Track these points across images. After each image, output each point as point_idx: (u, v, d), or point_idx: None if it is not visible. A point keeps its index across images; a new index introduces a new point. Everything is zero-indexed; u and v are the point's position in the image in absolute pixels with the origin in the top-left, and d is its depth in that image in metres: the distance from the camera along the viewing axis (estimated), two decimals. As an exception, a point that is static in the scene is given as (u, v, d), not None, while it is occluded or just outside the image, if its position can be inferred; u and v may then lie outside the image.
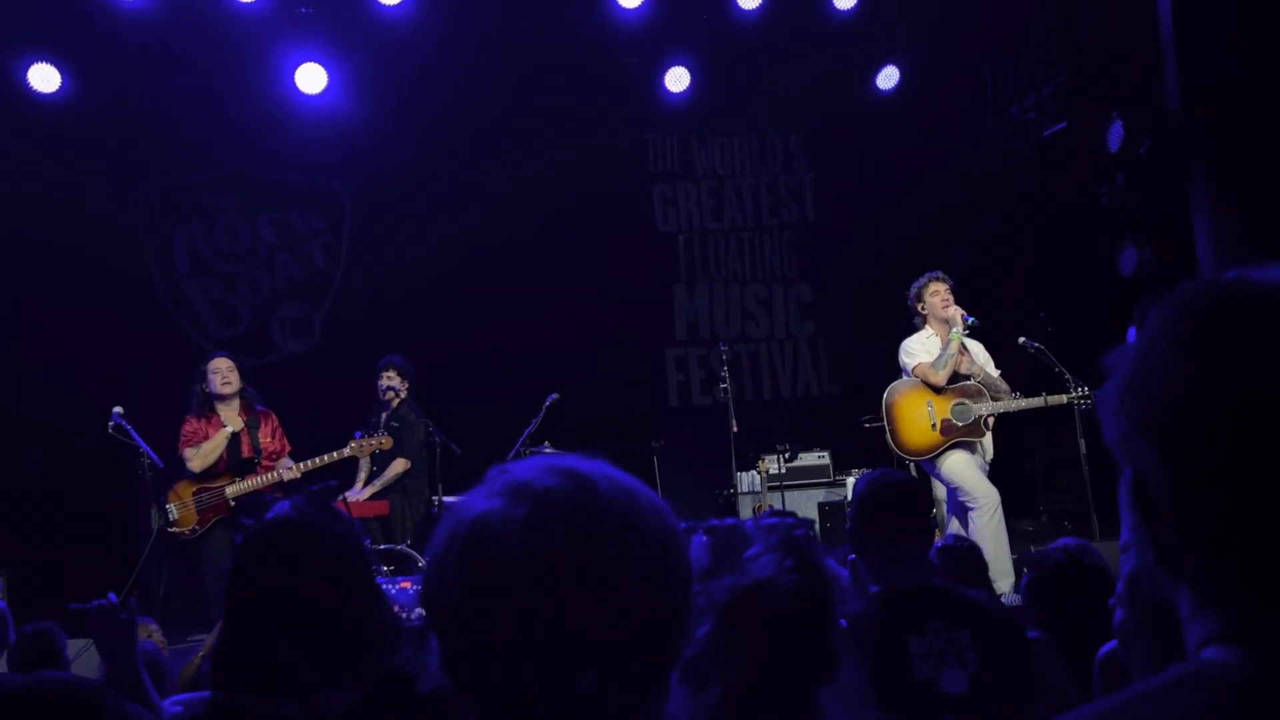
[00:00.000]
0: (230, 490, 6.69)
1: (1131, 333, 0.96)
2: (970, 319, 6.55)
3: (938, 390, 6.55)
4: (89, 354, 8.06)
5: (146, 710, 2.58)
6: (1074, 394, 6.64)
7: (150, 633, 3.84)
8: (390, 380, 7.57)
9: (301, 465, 6.77)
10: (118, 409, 6.87)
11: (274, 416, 7.00)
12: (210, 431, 6.80)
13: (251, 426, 6.81)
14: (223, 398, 6.81)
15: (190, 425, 6.85)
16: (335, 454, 6.82)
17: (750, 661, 1.51)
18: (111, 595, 2.65)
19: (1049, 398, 6.68)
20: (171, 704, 2.56)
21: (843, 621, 2.04)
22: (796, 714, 1.53)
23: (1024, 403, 6.75)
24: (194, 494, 6.72)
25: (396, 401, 7.55)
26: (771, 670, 1.52)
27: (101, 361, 7.95)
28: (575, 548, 1.00)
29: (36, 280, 8.31)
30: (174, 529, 6.65)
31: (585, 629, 0.99)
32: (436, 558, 1.05)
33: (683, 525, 1.61)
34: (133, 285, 8.89)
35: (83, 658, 4.70)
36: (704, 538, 1.58)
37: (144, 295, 8.98)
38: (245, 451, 6.77)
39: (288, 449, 7.04)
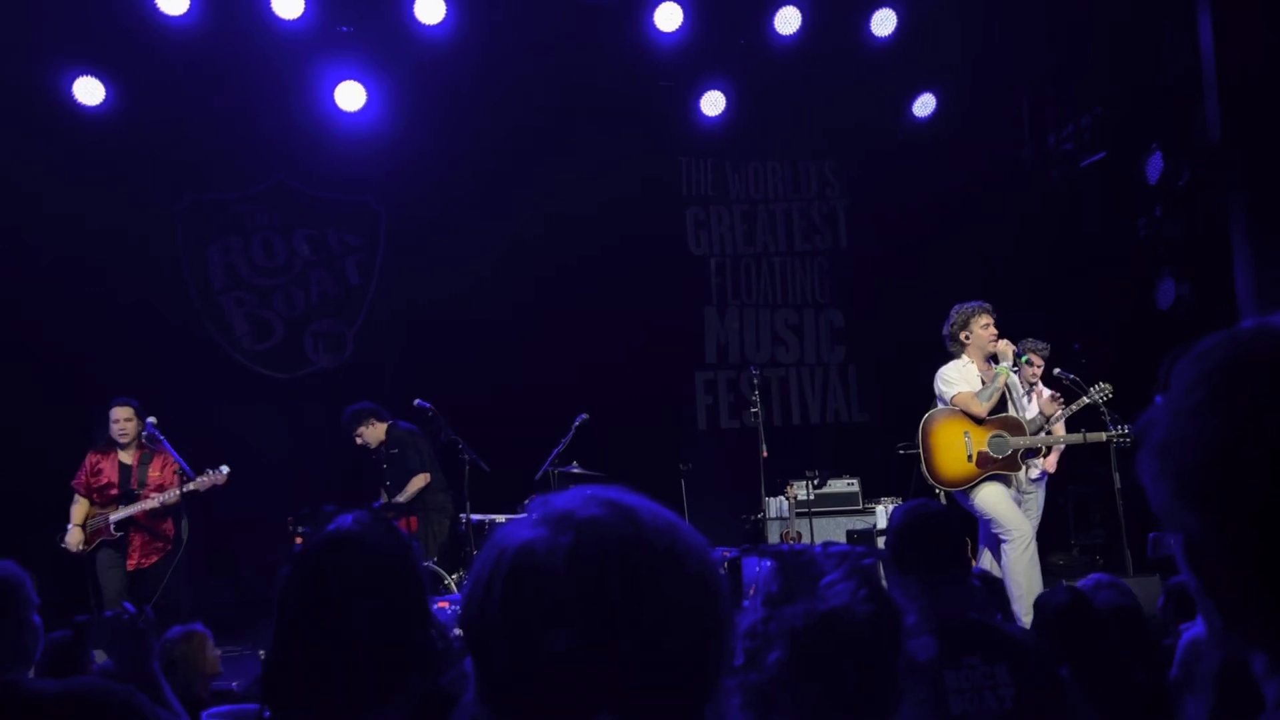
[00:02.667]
0: (114, 516, 7.01)
1: (1158, 399, 0.94)
2: (1022, 355, 6.49)
3: (977, 421, 6.48)
4: (124, 364, 8.13)
5: (173, 716, 2.58)
6: (1112, 432, 6.58)
7: (204, 641, 3.83)
8: (359, 438, 7.83)
9: (161, 498, 7.02)
10: (151, 419, 6.97)
11: (169, 453, 7.21)
12: (105, 466, 7.12)
13: (143, 461, 7.11)
14: (121, 446, 7.10)
15: (91, 458, 7.16)
16: (183, 489, 7.00)
17: (823, 689, 1.49)
18: (128, 605, 2.65)
19: (1087, 435, 6.63)
20: (210, 716, 2.55)
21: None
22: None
23: (1062, 439, 6.70)
24: (90, 518, 7.07)
25: (376, 444, 7.82)
26: (842, 699, 1.51)
27: (136, 372, 8.02)
28: (622, 577, 1.00)
29: (73, 290, 8.41)
30: (69, 547, 7.02)
31: (631, 657, 0.99)
32: (479, 585, 1.05)
33: (734, 551, 1.61)
34: (169, 297, 8.98)
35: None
36: (772, 563, 1.56)
37: (180, 307, 9.07)
38: (133, 483, 7.06)
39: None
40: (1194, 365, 0.91)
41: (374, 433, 7.79)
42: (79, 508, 7.10)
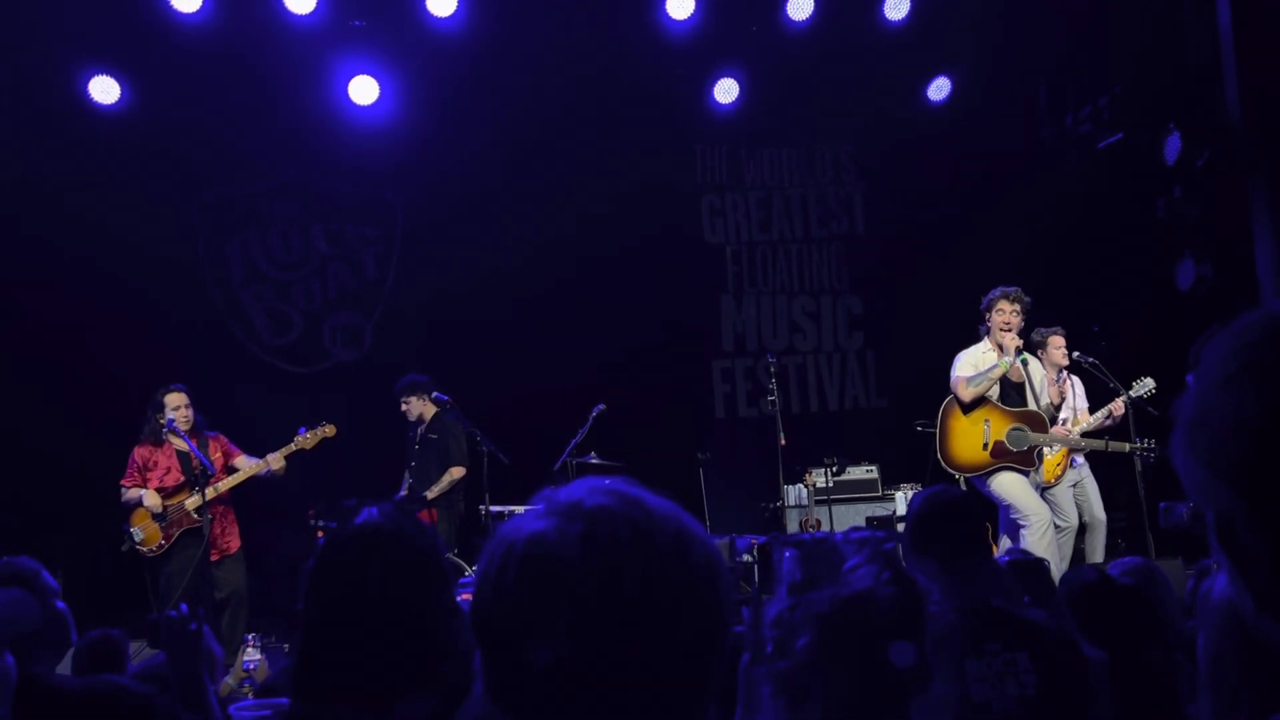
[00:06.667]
0: (190, 503, 6.93)
1: (1190, 377, 0.93)
2: (1020, 357, 6.45)
3: (1001, 410, 6.48)
4: (143, 360, 8.17)
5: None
6: (1136, 445, 6.60)
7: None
8: (405, 405, 7.82)
9: (257, 463, 7.02)
10: (171, 416, 6.99)
11: (223, 438, 7.19)
12: (159, 458, 7.02)
13: (201, 446, 7.00)
14: (181, 434, 6.97)
15: (142, 452, 7.05)
16: (283, 450, 7.06)
17: (850, 673, 1.51)
18: (184, 606, 2.67)
19: (1110, 443, 6.65)
20: (238, 710, 2.57)
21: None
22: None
23: (1084, 443, 6.71)
24: (154, 515, 6.97)
25: (417, 417, 7.82)
26: (871, 682, 1.52)
27: (156, 367, 8.06)
28: (636, 561, 1.01)
29: (92, 287, 8.45)
30: (141, 548, 6.92)
31: (647, 641, 1.00)
32: (489, 578, 1.05)
33: (762, 539, 1.62)
34: (188, 292, 9.02)
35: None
36: (794, 551, 1.57)
37: (199, 302, 9.12)
38: (196, 468, 6.95)
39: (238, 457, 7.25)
40: (1228, 341, 0.90)
41: (421, 407, 7.77)
42: (153, 497, 6.93)
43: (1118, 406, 6.85)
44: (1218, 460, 0.88)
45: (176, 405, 7.00)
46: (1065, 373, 7.11)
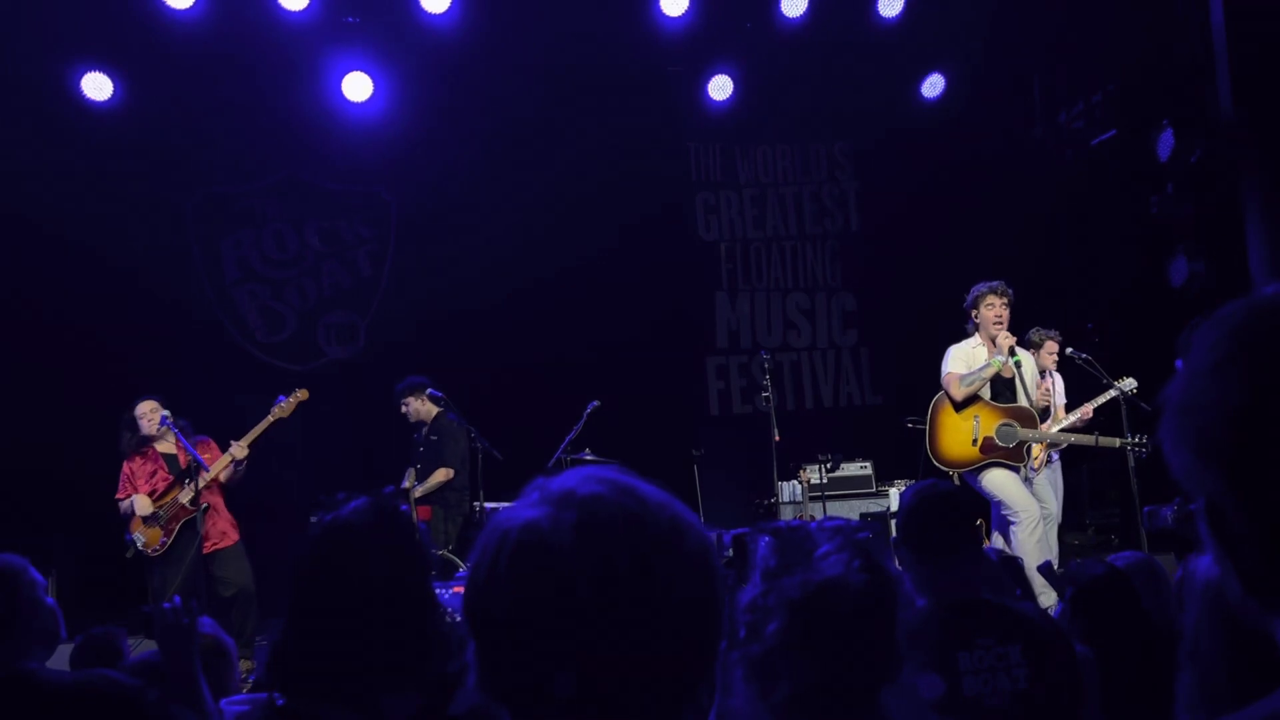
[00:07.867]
0: (184, 497, 6.89)
1: (1179, 363, 0.94)
2: (1014, 357, 6.43)
3: (991, 406, 6.48)
4: (138, 359, 8.17)
5: (196, 715, 2.59)
6: (1128, 440, 6.56)
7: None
8: (405, 407, 7.87)
9: (243, 442, 6.96)
10: (166, 413, 6.98)
11: (212, 443, 7.14)
12: (146, 467, 7.02)
13: (184, 446, 6.94)
14: (154, 438, 6.99)
15: (131, 466, 7.03)
16: (264, 422, 7.04)
17: (820, 658, 1.52)
18: (177, 599, 2.68)
19: (1100, 438, 6.62)
20: (229, 704, 2.58)
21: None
22: (862, 712, 1.54)
23: (1073, 438, 6.69)
24: (159, 509, 6.94)
25: (418, 418, 7.85)
26: (840, 667, 1.53)
27: (150, 366, 8.06)
28: (630, 551, 1.00)
29: (87, 285, 8.43)
30: (145, 550, 6.91)
31: (640, 631, 0.99)
32: (482, 566, 1.05)
33: (743, 530, 1.63)
34: (182, 291, 9.01)
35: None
36: (769, 538, 1.58)
37: (193, 301, 9.10)
38: (183, 464, 6.92)
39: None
40: (1215, 327, 0.91)
41: (421, 407, 7.81)
42: (143, 501, 6.93)
43: (1087, 411, 6.84)
44: (1206, 446, 0.88)
45: (153, 412, 6.97)
46: (1050, 372, 7.13)
